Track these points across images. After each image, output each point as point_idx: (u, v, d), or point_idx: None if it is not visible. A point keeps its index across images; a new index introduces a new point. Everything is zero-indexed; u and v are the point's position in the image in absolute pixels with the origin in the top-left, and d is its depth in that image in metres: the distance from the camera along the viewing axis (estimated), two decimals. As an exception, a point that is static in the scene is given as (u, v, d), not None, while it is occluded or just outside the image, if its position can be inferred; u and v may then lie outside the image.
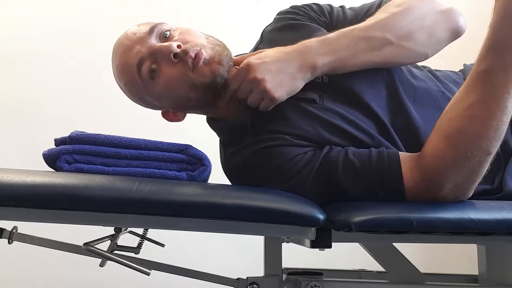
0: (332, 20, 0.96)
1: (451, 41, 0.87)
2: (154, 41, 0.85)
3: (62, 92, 1.84)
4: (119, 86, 0.91)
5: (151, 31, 0.85)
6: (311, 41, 0.82)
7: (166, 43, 0.83)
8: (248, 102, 0.83)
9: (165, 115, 0.93)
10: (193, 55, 0.82)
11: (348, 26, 0.90)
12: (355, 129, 0.83)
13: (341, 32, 0.83)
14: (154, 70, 0.84)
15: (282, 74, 0.79)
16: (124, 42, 0.86)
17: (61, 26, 1.88)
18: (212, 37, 0.90)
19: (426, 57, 0.87)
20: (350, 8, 0.98)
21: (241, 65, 0.81)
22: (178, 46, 0.83)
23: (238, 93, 0.83)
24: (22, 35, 1.86)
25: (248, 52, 1.00)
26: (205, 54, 0.84)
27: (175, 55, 0.82)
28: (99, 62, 1.83)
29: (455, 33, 0.87)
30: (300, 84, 0.81)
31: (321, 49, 0.81)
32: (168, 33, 0.86)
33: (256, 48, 1.00)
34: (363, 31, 0.82)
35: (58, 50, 1.86)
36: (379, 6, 0.92)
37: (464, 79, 0.93)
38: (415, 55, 0.86)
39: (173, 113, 0.92)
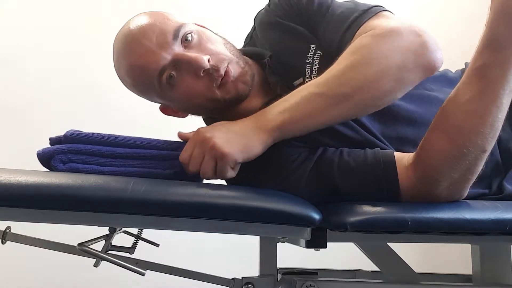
0: (301, 10, 0.88)
1: (424, 78, 0.78)
2: (178, 48, 0.81)
3: (58, 91, 1.83)
4: (122, 79, 0.87)
5: (175, 35, 0.81)
6: (267, 107, 0.78)
7: (194, 56, 0.80)
8: (202, 175, 0.75)
9: (164, 110, 0.92)
10: (223, 73, 0.81)
11: (318, 16, 0.86)
12: (350, 130, 0.83)
13: (296, 90, 0.77)
14: (173, 77, 0.81)
15: (232, 133, 0.75)
16: (144, 42, 0.80)
17: (54, 25, 1.87)
18: (229, 42, 0.88)
19: (393, 100, 0.79)
20: (330, 8, 0.87)
21: (190, 137, 0.77)
22: (208, 61, 0.80)
23: (189, 167, 0.75)
24: (15, 34, 1.84)
25: (243, 42, 0.99)
26: (233, 71, 0.83)
27: (204, 70, 0.81)
28: (93, 61, 1.83)
29: (428, 71, 0.77)
30: (256, 146, 0.75)
31: (274, 110, 0.76)
32: (189, 36, 0.82)
33: (251, 37, 0.98)
34: (320, 86, 0.74)
35: (52, 49, 1.85)
36: (348, 33, 0.81)
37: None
38: (380, 104, 0.77)
39: (173, 110, 0.91)
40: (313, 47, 0.87)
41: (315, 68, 0.86)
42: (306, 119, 0.75)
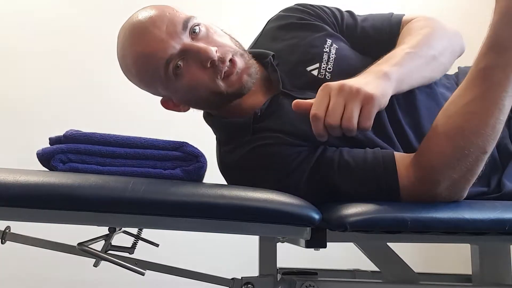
0: (342, 24, 0.97)
1: (456, 59, 0.91)
2: (186, 38, 0.82)
3: (58, 91, 1.83)
4: (126, 69, 0.87)
5: (184, 26, 0.82)
6: (372, 66, 0.80)
7: (203, 46, 0.81)
8: (345, 123, 0.70)
9: (165, 104, 0.92)
10: (228, 63, 0.82)
11: (359, 32, 0.95)
12: None
13: (391, 53, 0.81)
14: (179, 67, 0.82)
15: (365, 81, 0.74)
16: (153, 30, 0.81)
17: (53, 25, 1.87)
18: (234, 38, 0.90)
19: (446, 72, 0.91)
20: (358, 15, 0.99)
21: (318, 93, 0.74)
22: (215, 52, 0.82)
23: (328, 119, 0.71)
24: (14, 34, 1.84)
25: (247, 48, 1.00)
26: (239, 63, 0.84)
27: (211, 61, 0.81)
28: (93, 61, 1.83)
29: (461, 53, 0.92)
30: (388, 93, 0.74)
31: (387, 64, 0.78)
32: (197, 28, 0.83)
33: (256, 42, 1.00)
34: (413, 48, 0.82)
35: (51, 49, 1.85)
36: (393, 22, 0.94)
37: (456, 83, 0.95)
38: (446, 70, 0.89)
39: (174, 103, 0.91)
40: (329, 41, 0.91)
41: (332, 57, 0.89)
42: (411, 74, 0.80)
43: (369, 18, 0.98)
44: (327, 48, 0.90)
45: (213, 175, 0.88)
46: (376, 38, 0.94)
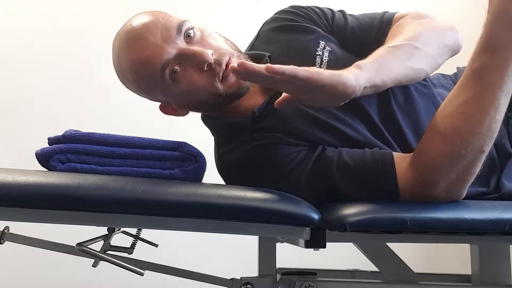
0: (333, 24, 0.96)
1: (450, 57, 0.88)
2: (181, 43, 0.82)
3: (58, 91, 1.83)
4: (123, 77, 0.87)
5: (179, 30, 0.82)
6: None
7: (199, 50, 0.81)
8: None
9: (164, 109, 0.92)
10: (224, 66, 0.82)
11: (349, 32, 0.93)
12: (349, 128, 0.84)
13: (375, 51, 0.79)
14: (176, 72, 0.82)
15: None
16: (148, 36, 0.81)
17: (53, 24, 1.87)
18: (229, 40, 0.90)
19: (438, 67, 0.86)
20: (350, 15, 0.98)
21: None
22: (211, 55, 0.81)
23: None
24: (14, 33, 1.84)
25: (244, 51, 1.00)
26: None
27: (208, 64, 0.81)
28: (92, 61, 1.83)
29: (456, 49, 0.88)
30: (348, 77, 0.71)
31: (365, 59, 0.76)
32: (191, 32, 0.83)
33: (252, 45, 1.00)
34: (393, 43, 0.80)
35: (51, 48, 1.85)
36: (384, 21, 0.92)
37: (455, 83, 0.95)
38: (436, 64, 0.85)
39: (173, 108, 0.91)
40: (322, 43, 0.91)
41: (324, 59, 0.89)
42: (388, 65, 0.77)
43: (360, 18, 0.96)
44: (320, 51, 0.90)
45: (213, 175, 0.88)
46: (363, 39, 0.93)
